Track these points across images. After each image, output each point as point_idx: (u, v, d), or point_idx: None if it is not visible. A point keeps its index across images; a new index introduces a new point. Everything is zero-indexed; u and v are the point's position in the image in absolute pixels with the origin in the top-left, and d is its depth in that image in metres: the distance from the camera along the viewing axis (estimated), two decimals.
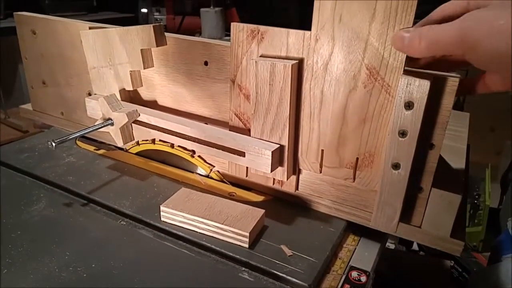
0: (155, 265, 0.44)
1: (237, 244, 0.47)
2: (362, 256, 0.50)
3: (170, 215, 0.50)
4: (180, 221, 0.50)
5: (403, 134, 0.43)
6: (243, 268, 0.45)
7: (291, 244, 0.48)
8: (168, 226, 0.50)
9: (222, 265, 0.45)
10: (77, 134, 0.54)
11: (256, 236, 0.49)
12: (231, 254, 0.46)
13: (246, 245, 0.47)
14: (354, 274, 0.46)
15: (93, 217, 0.51)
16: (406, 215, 0.48)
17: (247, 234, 0.46)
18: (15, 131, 1.60)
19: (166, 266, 0.44)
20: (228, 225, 0.47)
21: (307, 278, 0.43)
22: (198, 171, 0.63)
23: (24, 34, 0.73)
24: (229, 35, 0.57)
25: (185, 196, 0.52)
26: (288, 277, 0.43)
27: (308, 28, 0.45)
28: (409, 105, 0.41)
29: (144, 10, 1.88)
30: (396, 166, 0.44)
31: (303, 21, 0.49)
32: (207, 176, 0.62)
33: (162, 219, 0.51)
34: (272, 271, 0.44)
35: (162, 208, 0.50)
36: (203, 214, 0.49)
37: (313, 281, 0.43)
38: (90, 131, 0.56)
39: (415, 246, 1.09)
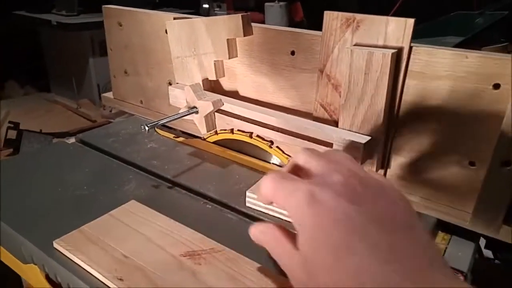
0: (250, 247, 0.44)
1: None
2: (455, 255, 0.47)
3: (256, 200, 0.50)
4: (265, 207, 0.50)
5: None
6: None
7: None
8: (254, 212, 0.50)
9: None
10: (165, 120, 0.56)
11: None
12: None
13: None
14: None
15: (180, 199, 0.52)
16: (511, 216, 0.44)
17: None
18: (85, 120, 1.70)
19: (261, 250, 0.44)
20: None
21: None
22: (274, 161, 0.63)
23: (111, 26, 0.76)
24: None
25: None
26: None
27: None
28: None
29: (206, 6, 1.92)
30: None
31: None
32: None
33: (247, 204, 0.51)
34: None
35: (248, 193, 0.50)
36: None
37: None
38: (177, 118, 0.57)
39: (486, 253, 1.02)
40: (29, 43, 2.13)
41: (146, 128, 0.52)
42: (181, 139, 0.71)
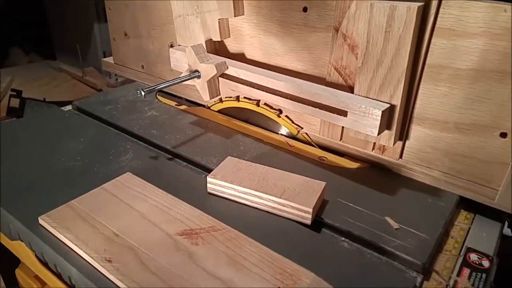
0: (256, 227, 0.41)
1: (296, 221, 0.41)
2: (480, 237, 0.43)
3: (218, 187, 0.44)
4: (230, 194, 0.44)
5: None
6: (343, 238, 0.41)
7: (395, 216, 0.42)
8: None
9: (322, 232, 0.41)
10: (164, 85, 0.51)
11: (317, 212, 0.42)
12: (330, 222, 0.42)
13: (308, 222, 0.41)
14: (474, 257, 0.40)
15: (180, 172, 0.48)
16: None
17: (310, 210, 0.40)
18: (90, 89, 1.66)
19: (262, 228, 0.41)
20: (286, 199, 0.41)
21: (420, 256, 0.38)
22: (283, 132, 0.59)
23: None
24: None
25: (233, 165, 0.46)
26: (397, 252, 0.38)
27: None
28: None
29: None
30: None
31: None
32: (294, 138, 0.57)
33: (209, 191, 0.45)
34: (378, 243, 0.39)
35: (209, 179, 0.44)
36: (256, 186, 0.42)
37: (427, 259, 0.38)
38: (177, 83, 0.53)
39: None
40: (34, 9, 2.07)
41: (143, 93, 0.48)
42: (183, 107, 0.66)
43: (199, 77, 0.54)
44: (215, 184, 0.44)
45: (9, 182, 0.45)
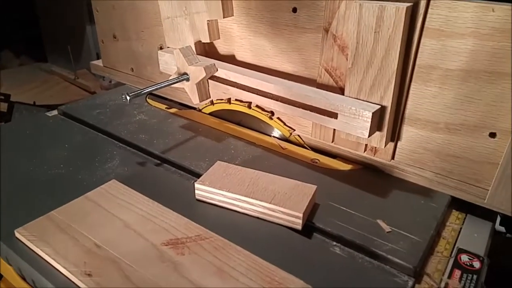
0: (246, 234, 0.40)
1: (287, 227, 0.40)
2: (471, 237, 0.43)
3: (206, 193, 0.43)
4: (219, 200, 0.43)
5: None
6: (334, 243, 0.40)
7: (387, 219, 0.42)
8: None
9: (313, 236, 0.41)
10: (151, 88, 0.50)
11: (308, 216, 0.41)
12: (321, 226, 0.41)
13: (299, 227, 0.40)
14: (465, 258, 0.40)
15: (168, 178, 0.47)
16: None
17: (300, 215, 0.39)
18: (83, 92, 1.64)
19: (251, 235, 0.40)
20: (276, 205, 0.40)
21: (411, 259, 0.37)
22: (275, 134, 0.58)
23: None
24: None
25: (222, 171, 0.45)
26: (389, 256, 0.38)
27: None
28: None
29: None
30: None
31: None
32: (286, 140, 0.57)
33: (197, 197, 0.44)
34: (369, 247, 0.39)
35: (197, 185, 0.43)
36: (246, 192, 0.42)
37: (418, 262, 0.37)
38: (165, 86, 0.52)
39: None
40: (24, 10, 2.05)
41: (128, 97, 0.47)
42: (174, 110, 0.66)
43: (188, 79, 0.53)
44: (203, 190, 0.43)
45: None
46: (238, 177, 0.44)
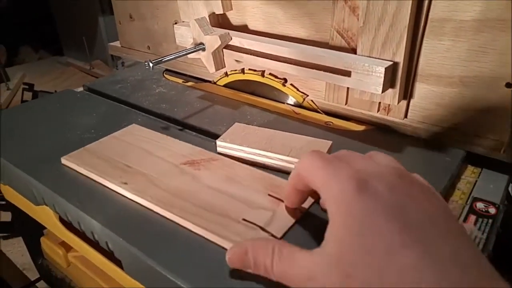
0: None
1: None
2: (486, 188, 0.44)
3: (227, 150, 0.45)
4: (239, 156, 0.45)
5: None
6: None
7: None
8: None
9: None
10: (172, 57, 0.52)
11: None
12: None
13: None
14: (480, 205, 0.41)
15: (190, 140, 0.49)
16: None
17: None
18: None
19: None
20: (294, 157, 0.42)
21: None
22: (289, 102, 0.59)
23: None
24: None
25: (241, 130, 0.47)
26: None
27: None
28: None
29: None
30: None
31: None
32: (300, 106, 0.58)
33: (218, 150, 0.46)
34: None
35: (218, 142, 0.45)
36: (264, 147, 0.43)
37: None
38: (183, 55, 0.54)
39: None
40: (40, 7, 2.10)
41: (151, 64, 0.49)
42: (190, 83, 0.67)
43: (204, 49, 0.55)
44: (224, 147, 0.45)
45: (30, 152, 0.48)
46: (256, 135, 0.46)
